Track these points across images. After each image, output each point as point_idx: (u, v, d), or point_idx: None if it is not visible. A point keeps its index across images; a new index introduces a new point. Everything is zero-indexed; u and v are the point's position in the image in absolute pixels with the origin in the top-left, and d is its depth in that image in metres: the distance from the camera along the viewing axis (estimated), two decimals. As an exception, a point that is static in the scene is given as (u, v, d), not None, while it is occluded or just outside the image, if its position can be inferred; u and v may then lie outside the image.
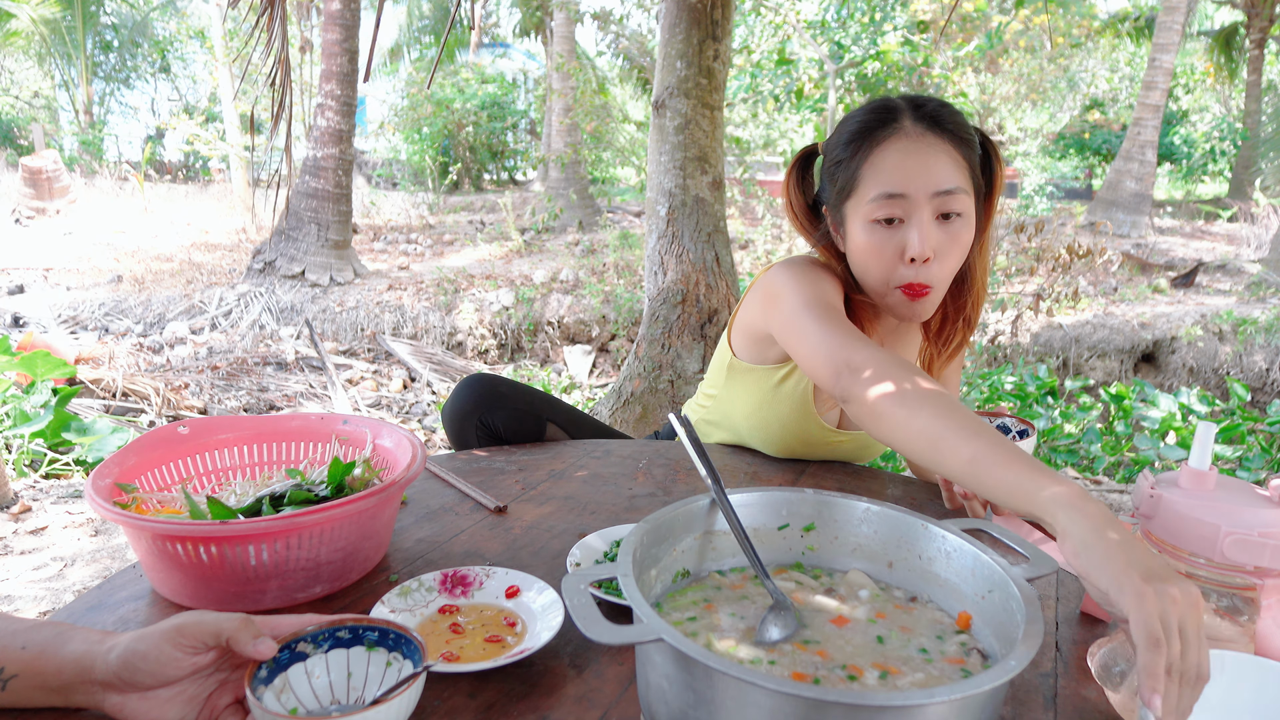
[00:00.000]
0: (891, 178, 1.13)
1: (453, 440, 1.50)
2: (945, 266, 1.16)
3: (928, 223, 1.13)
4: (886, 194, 1.13)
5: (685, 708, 0.57)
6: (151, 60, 18.33)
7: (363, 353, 6.70)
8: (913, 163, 1.12)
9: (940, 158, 1.13)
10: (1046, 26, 9.80)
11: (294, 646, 0.70)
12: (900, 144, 1.13)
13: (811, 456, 1.43)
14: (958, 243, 1.15)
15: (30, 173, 10.76)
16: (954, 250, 1.15)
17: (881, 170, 1.14)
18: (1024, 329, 6.53)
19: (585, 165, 12.25)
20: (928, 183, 1.12)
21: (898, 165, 1.13)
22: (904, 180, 1.12)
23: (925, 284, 1.15)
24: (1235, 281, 8.41)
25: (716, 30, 3.16)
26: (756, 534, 0.80)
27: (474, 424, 1.46)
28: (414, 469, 0.95)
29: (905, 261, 1.15)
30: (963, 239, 1.15)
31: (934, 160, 1.12)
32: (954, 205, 1.13)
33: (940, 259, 1.15)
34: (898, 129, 1.14)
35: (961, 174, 1.14)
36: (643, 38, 13.00)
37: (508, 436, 1.48)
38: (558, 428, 1.55)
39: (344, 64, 7.50)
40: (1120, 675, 0.74)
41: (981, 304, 1.30)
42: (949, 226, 1.14)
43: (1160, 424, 3.80)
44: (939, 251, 1.14)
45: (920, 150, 1.13)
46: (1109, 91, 17.31)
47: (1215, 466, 0.71)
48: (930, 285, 1.16)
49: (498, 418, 1.46)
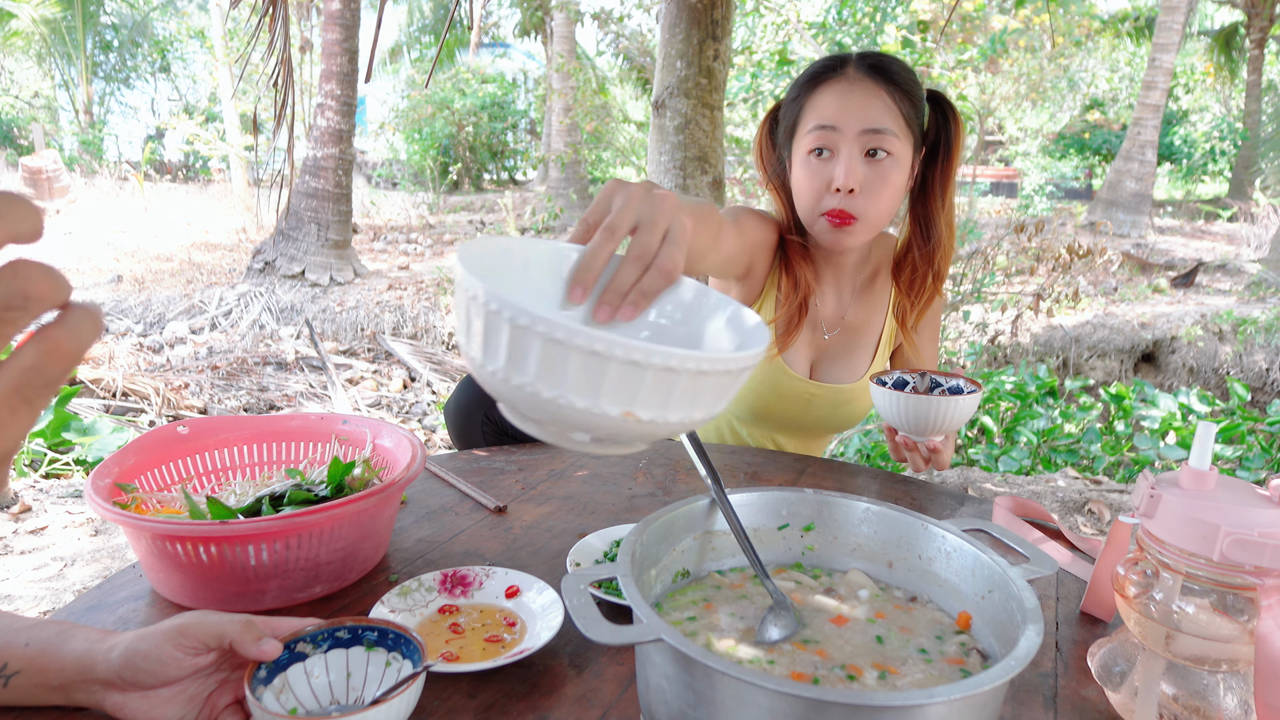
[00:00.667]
0: (825, 112, 1.25)
1: (455, 437, 1.49)
2: (873, 201, 1.25)
3: (854, 157, 1.23)
4: (819, 125, 1.25)
5: (685, 708, 0.57)
6: (151, 60, 18.33)
7: (363, 353, 6.70)
8: (847, 101, 1.23)
9: (873, 100, 1.23)
10: (1046, 26, 9.79)
11: (293, 647, 0.70)
12: (839, 85, 1.25)
13: (789, 418, 1.46)
14: (887, 181, 1.24)
15: (30, 173, 10.77)
16: (882, 188, 1.24)
17: (819, 106, 1.26)
18: (1024, 329, 6.53)
19: (585, 165, 12.25)
20: (858, 119, 1.22)
21: (832, 102, 1.24)
22: (836, 115, 1.23)
23: (849, 213, 1.25)
24: (1235, 281, 8.41)
25: (716, 30, 3.16)
26: (756, 534, 0.80)
27: (480, 419, 1.45)
28: (414, 469, 0.95)
29: (832, 191, 1.25)
30: (892, 178, 1.25)
31: (867, 100, 1.23)
32: (882, 144, 1.23)
33: (867, 194, 1.24)
34: (841, 74, 1.26)
35: (893, 118, 1.23)
36: (643, 38, 13.00)
37: (514, 432, 1.47)
38: None
39: (344, 64, 7.50)
40: (1120, 675, 0.74)
41: (949, 259, 1.38)
42: (877, 164, 1.24)
43: (1160, 424, 3.80)
44: (865, 185, 1.24)
45: (856, 91, 1.23)
46: (1109, 91, 17.32)
47: (1215, 466, 0.71)
48: (856, 216, 1.25)
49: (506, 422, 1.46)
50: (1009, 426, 3.86)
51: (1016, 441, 3.73)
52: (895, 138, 1.23)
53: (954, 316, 4.90)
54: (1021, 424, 3.79)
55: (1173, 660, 0.69)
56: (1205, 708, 0.69)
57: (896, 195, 1.28)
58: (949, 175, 1.34)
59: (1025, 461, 3.50)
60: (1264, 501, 0.66)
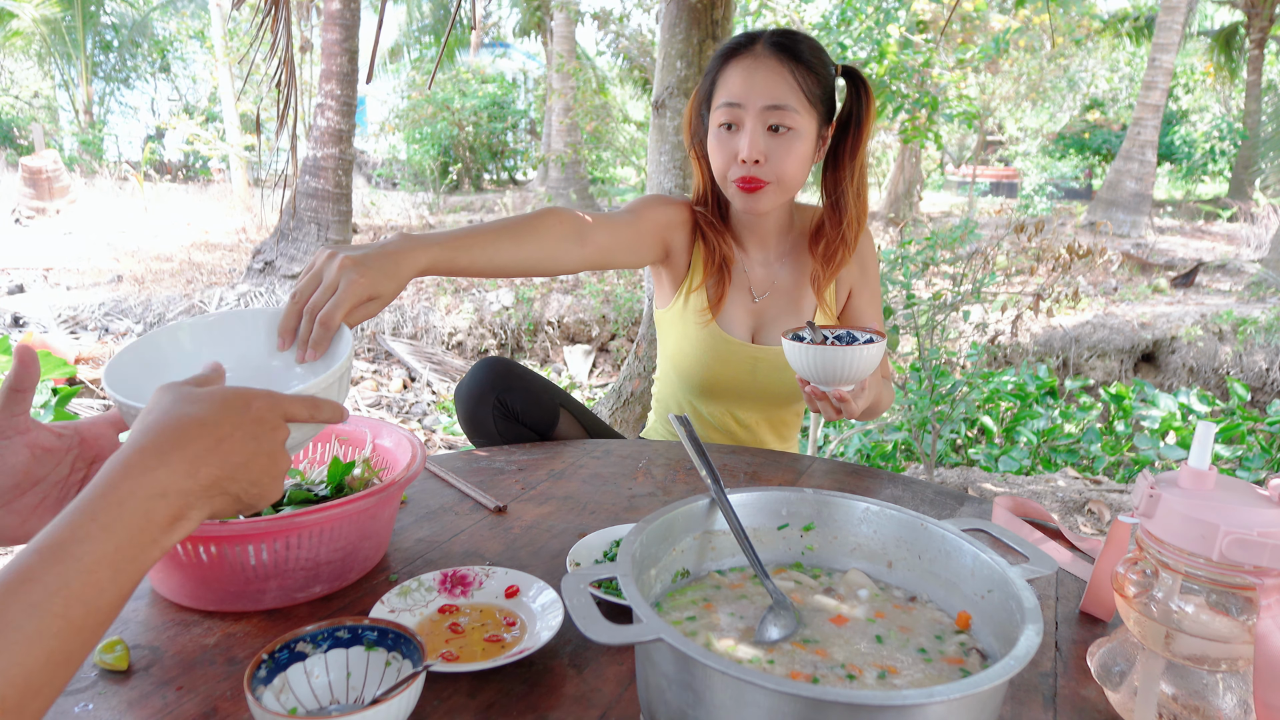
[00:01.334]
0: (732, 89, 1.33)
1: (465, 422, 1.50)
2: (778, 169, 1.34)
3: (756, 130, 1.32)
4: (726, 102, 1.34)
5: (684, 707, 0.57)
6: (151, 60, 18.32)
7: (362, 353, 6.70)
8: (752, 79, 1.31)
9: (775, 77, 1.30)
10: (1046, 26, 9.79)
11: (293, 646, 0.70)
12: (745, 62, 1.33)
13: (738, 387, 1.52)
14: (789, 152, 1.33)
15: (30, 173, 10.76)
16: (785, 157, 1.33)
17: (728, 83, 1.34)
18: (1024, 329, 6.53)
19: (585, 165, 12.26)
20: (761, 96, 1.30)
21: (738, 79, 1.33)
22: (741, 92, 1.32)
23: (756, 179, 1.34)
24: (1235, 281, 8.41)
25: (716, 30, 3.15)
26: (756, 534, 0.80)
27: (491, 402, 1.46)
28: (414, 469, 0.95)
29: (739, 162, 1.34)
30: (795, 149, 1.33)
31: (769, 78, 1.30)
32: (783, 119, 1.31)
33: (771, 162, 1.33)
34: (749, 51, 1.33)
35: (795, 94, 1.31)
36: (643, 38, 13.00)
37: (524, 418, 1.49)
38: (571, 416, 1.58)
39: (344, 64, 7.50)
40: (1120, 675, 0.74)
41: (857, 226, 1.46)
42: (779, 137, 1.32)
43: (1160, 424, 3.81)
44: (768, 155, 1.33)
45: (760, 69, 1.31)
46: (1109, 91, 17.32)
47: (1215, 466, 0.71)
48: (763, 181, 1.34)
49: (515, 398, 1.47)
50: (1009, 426, 3.86)
51: (1016, 441, 3.73)
52: (796, 113, 1.31)
53: (954, 316, 4.90)
54: (1021, 424, 3.79)
55: (1172, 660, 0.69)
56: (1205, 707, 0.69)
57: (801, 164, 1.36)
58: (858, 147, 1.42)
59: (1025, 461, 3.50)
60: (1264, 501, 0.66)
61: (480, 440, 1.50)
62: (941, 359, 3.74)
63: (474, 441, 1.51)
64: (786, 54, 1.31)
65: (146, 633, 0.83)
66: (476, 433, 1.49)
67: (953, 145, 19.84)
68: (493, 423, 1.47)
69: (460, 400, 1.49)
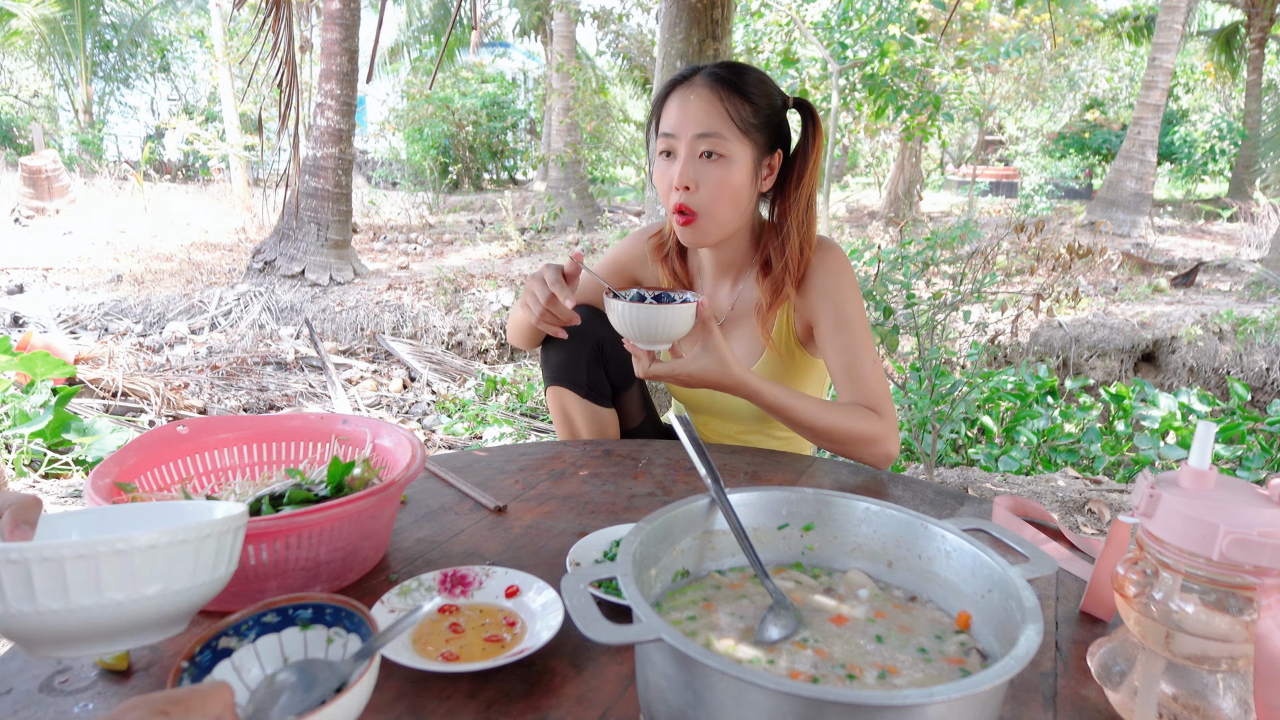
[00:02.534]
0: (669, 119, 1.37)
1: (557, 355, 1.55)
2: (711, 198, 1.35)
3: (688, 158, 1.34)
4: (664, 132, 1.38)
5: (684, 707, 0.57)
6: (151, 60, 18.32)
7: (362, 352, 6.70)
8: (685, 110, 1.34)
9: (707, 107, 1.33)
10: (1046, 26, 9.79)
11: (215, 644, 0.64)
12: (682, 94, 1.36)
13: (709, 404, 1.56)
14: (722, 180, 1.34)
15: (30, 172, 10.76)
16: (717, 186, 1.35)
17: (667, 113, 1.38)
18: (1024, 329, 6.53)
19: (585, 165, 12.25)
20: (693, 124, 1.33)
21: (674, 110, 1.36)
22: (676, 123, 1.35)
23: (690, 208, 1.36)
24: (1235, 281, 8.41)
25: (716, 30, 3.16)
26: (756, 533, 0.80)
27: (592, 343, 1.52)
28: (414, 469, 0.95)
29: (675, 189, 1.36)
30: (729, 177, 1.35)
31: (702, 108, 1.33)
32: (715, 146, 1.33)
33: (704, 190, 1.35)
34: (687, 84, 1.36)
35: (726, 123, 1.33)
36: (643, 38, 13.00)
37: (611, 370, 1.56)
38: (641, 388, 1.65)
39: (344, 64, 7.50)
40: (1120, 675, 0.74)
41: (801, 256, 1.43)
42: (710, 164, 1.34)
43: (1160, 424, 3.80)
44: (700, 182, 1.34)
45: (694, 100, 1.34)
46: (1109, 91, 17.32)
47: (1215, 466, 0.71)
48: (696, 211, 1.36)
49: (612, 348, 1.54)
50: (1009, 426, 3.86)
51: (1016, 441, 3.73)
52: (727, 140, 1.33)
53: (954, 316, 4.90)
54: (1021, 424, 3.79)
55: (1172, 660, 0.69)
56: (1205, 707, 0.69)
57: (736, 192, 1.37)
58: (801, 177, 1.42)
59: (1025, 461, 3.50)
60: (1264, 501, 0.66)
61: (564, 377, 1.55)
62: (941, 359, 3.74)
63: (557, 378, 1.56)
64: (722, 84, 1.34)
65: (146, 633, 0.83)
66: (565, 367, 1.54)
67: (953, 145, 19.85)
68: (586, 363, 1.53)
69: (553, 349, 1.55)
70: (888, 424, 1.34)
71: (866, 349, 1.40)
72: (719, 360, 1.28)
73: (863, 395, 1.37)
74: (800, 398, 1.33)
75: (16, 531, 0.65)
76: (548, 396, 1.60)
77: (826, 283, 1.43)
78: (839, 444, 1.34)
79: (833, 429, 1.32)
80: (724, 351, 1.28)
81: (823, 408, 1.33)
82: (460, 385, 5.90)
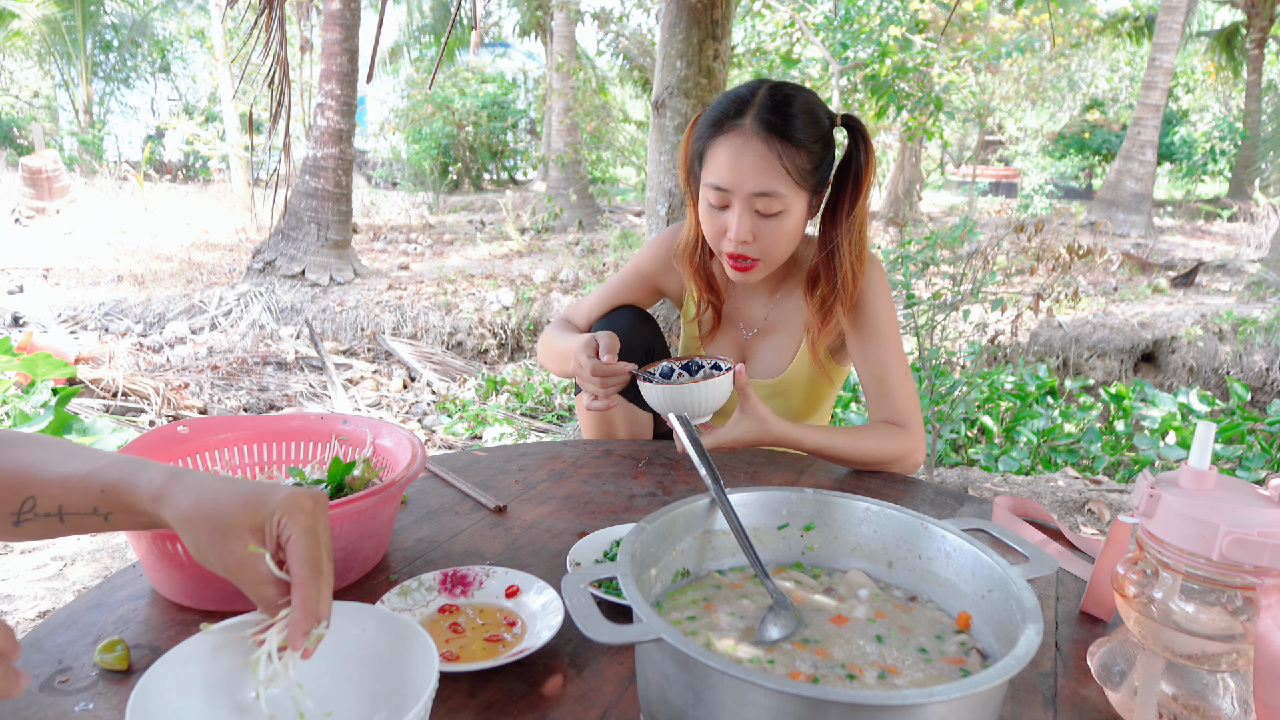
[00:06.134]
0: (719, 173, 1.30)
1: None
2: (768, 246, 1.33)
3: (744, 214, 1.30)
4: (714, 185, 1.31)
5: (684, 707, 0.57)
6: (151, 60, 18.32)
7: (363, 352, 6.70)
8: (740, 164, 1.27)
9: (762, 163, 1.27)
10: (1046, 26, 9.79)
11: None
12: (733, 142, 1.28)
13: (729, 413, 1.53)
14: (780, 231, 1.32)
15: (30, 172, 10.76)
16: (775, 237, 1.32)
17: (716, 163, 1.30)
18: (1024, 329, 6.53)
19: (585, 165, 12.25)
20: (747, 183, 1.28)
21: (726, 162, 1.29)
22: (730, 178, 1.29)
23: (746, 257, 1.34)
24: (1235, 281, 8.41)
25: (716, 30, 3.15)
26: (756, 533, 0.80)
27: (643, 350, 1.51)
28: (414, 469, 0.95)
29: (728, 239, 1.33)
30: (786, 226, 1.32)
31: (757, 164, 1.27)
32: (771, 205, 1.29)
33: (760, 241, 1.32)
34: (737, 126, 1.28)
35: (783, 179, 1.27)
36: (643, 38, 13.00)
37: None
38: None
39: (344, 64, 7.50)
40: (1120, 675, 0.74)
41: (853, 282, 1.39)
42: (767, 219, 1.31)
43: (1160, 424, 3.81)
44: (757, 236, 1.32)
45: (746, 152, 1.27)
46: (1109, 91, 17.32)
47: (1215, 466, 0.71)
48: (754, 259, 1.35)
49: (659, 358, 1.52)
50: (1009, 426, 3.86)
51: (1016, 441, 3.73)
52: (784, 196, 1.29)
53: (954, 316, 4.90)
54: (1021, 424, 3.79)
55: (1172, 660, 0.69)
56: (1205, 707, 0.69)
57: (793, 236, 1.35)
58: (856, 200, 1.36)
59: (1025, 461, 3.50)
60: (1264, 501, 0.66)
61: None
62: (941, 359, 3.73)
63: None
64: (774, 133, 1.26)
65: (147, 633, 0.83)
66: None
67: (953, 145, 19.84)
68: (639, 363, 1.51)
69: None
70: (914, 437, 1.36)
71: (898, 361, 1.40)
72: (760, 422, 1.28)
73: (892, 410, 1.38)
74: (836, 434, 1.33)
75: None
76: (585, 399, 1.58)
77: (862, 294, 1.41)
78: (872, 465, 1.36)
79: (867, 456, 1.34)
80: (762, 412, 1.28)
81: (856, 439, 1.34)
82: (460, 385, 5.90)
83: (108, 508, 0.68)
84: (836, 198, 1.38)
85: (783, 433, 1.29)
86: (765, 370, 1.54)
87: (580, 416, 1.61)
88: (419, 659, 0.66)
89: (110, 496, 0.68)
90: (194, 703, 0.63)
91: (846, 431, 1.34)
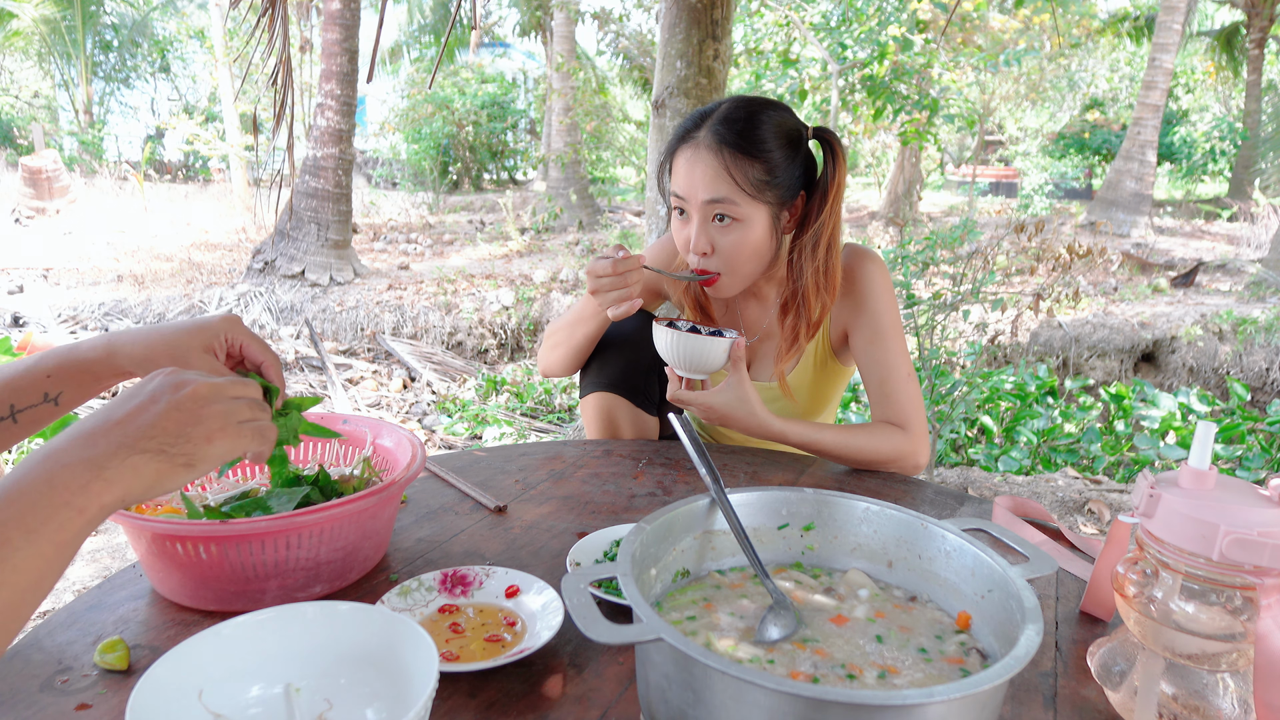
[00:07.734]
0: (677, 181, 1.33)
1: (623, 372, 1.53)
2: (727, 258, 1.32)
3: (701, 224, 1.31)
4: (674, 192, 1.34)
5: (685, 707, 0.57)
6: (151, 60, 18.32)
7: (363, 352, 6.70)
8: (693, 174, 1.30)
9: (711, 172, 1.28)
10: (1046, 26, 9.79)
11: None
12: (687, 153, 1.31)
13: None
14: (739, 242, 1.31)
15: (30, 172, 10.76)
16: (734, 248, 1.31)
17: (676, 173, 1.34)
18: (1024, 329, 6.53)
19: (585, 165, 12.25)
20: (699, 192, 1.29)
21: (682, 172, 1.32)
22: (685, 187, 1.31)
23: (708, 271, 1.34)
24: (1235, 281, 8.41)
25: (716, 30, 3.15)
26: (756, 533, 0.80)
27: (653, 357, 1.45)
28: (414, 468, 0.95)
29: (690, 250, 1.34)
30: (746, 238, 1.31)
31: (706, 173, 1.28)
32: (726, 211, 1.29)
33: (720, 253, 1.32)
34: (692, 139, 1.31)
35: (733, 188, 1.27)
36: (643, 38, 12.99)
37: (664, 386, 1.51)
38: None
39: (344, 64, 7.50)
40: (1120, 675, 0.74)
41: (815, 298, 1.36)
42: (724, 228, 1.31)
43: (1160, 424, 3.81)
44: (716, 245, 1.32)
45: (698, 162, 1.29)
46: (1109, 91, 17.31)
47: (1215, 466, 0.71)
48: (717, 273, 1.34)
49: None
50: (1009, 426, 3.86)
51: (1016, 441, 3.73)
52: (737, 205, 1.28)
53: (954, 316, 4.90)
54: (1021, 424, 3.79)
55: (1172, 660, 0.69)
56: (1205, 707, 0.69)
57: (755, 249, 1.33)
58: (824, 214, 1.33)
59: (1025, 461, 3.50)
60: (1264, 501, 0.66)
61: (621, 385, 1.52)
62: (941, 359, 3.73)
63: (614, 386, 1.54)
64: (727, 145, 1.27)
65: (147, 633, 0.83)
66: (624, 377, 1.53)
67: (953, 145, 19.85)
68: (645, 372, 1.52)
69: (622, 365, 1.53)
70: (915, 439, 1.34)
71: (901, 362, 1.39)
72: (741, 399, 1.28)
73: (894, 412, 1.37)
74: (824, 431, 1.33)
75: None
76: (590, 401, 1.55)
77: (864, 293, 1.40)
78: (866, 464, 1.35)
79: (859, 454, 1.33)
80: (748, 393, 1.28)
81: (848, 436, 1.33)
82: (460, 385, 5.90)
83: (57, 389, 0.76)
84: (806, 213, 1.36)
85: (763, 422, 1.29)
86: (768, 373, 1.53)
87: (585, 417, 1.60)
88: (419, 659, 0.66)
89: (56, 378, 0.76)
90: (194, 703, 0.64)
91: (836, 428, 1.33)
